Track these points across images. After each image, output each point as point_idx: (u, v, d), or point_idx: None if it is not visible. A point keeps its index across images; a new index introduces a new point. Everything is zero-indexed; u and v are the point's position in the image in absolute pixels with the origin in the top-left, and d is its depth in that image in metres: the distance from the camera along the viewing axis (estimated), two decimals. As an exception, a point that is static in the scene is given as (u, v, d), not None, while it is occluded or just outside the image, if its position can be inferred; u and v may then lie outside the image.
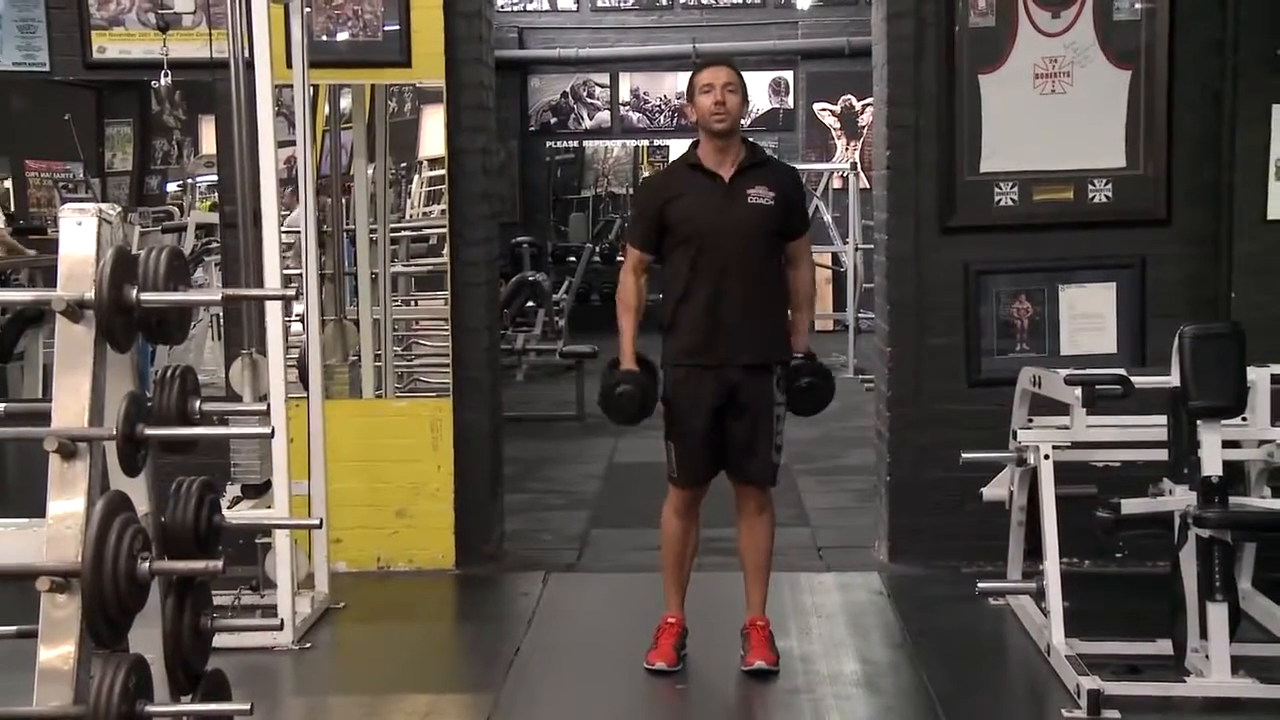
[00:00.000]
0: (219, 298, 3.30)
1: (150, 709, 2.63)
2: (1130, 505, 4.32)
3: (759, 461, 4.54)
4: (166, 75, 5.34)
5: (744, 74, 4.61)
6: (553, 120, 16.09)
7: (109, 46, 5.84)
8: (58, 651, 2.52)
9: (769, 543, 4.65)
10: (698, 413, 4.49)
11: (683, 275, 4.49)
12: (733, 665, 4.58)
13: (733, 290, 4.44)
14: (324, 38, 5.68)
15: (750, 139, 4.68)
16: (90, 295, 2.64)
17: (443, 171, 5.85)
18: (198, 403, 2.94)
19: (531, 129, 16.01)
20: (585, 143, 17.02)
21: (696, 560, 4.76)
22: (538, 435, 8.89)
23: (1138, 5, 5.57)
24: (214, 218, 6.36)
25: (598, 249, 15.46)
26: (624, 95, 16.02)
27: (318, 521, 4.83)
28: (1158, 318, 5.45)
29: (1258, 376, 4.54)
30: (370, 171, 6.18)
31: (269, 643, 4.77)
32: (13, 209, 7.65)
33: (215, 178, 6.14)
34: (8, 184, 7.64)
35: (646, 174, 17.27)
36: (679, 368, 4.54)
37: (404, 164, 6.46)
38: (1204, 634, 4.17)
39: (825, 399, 4.72)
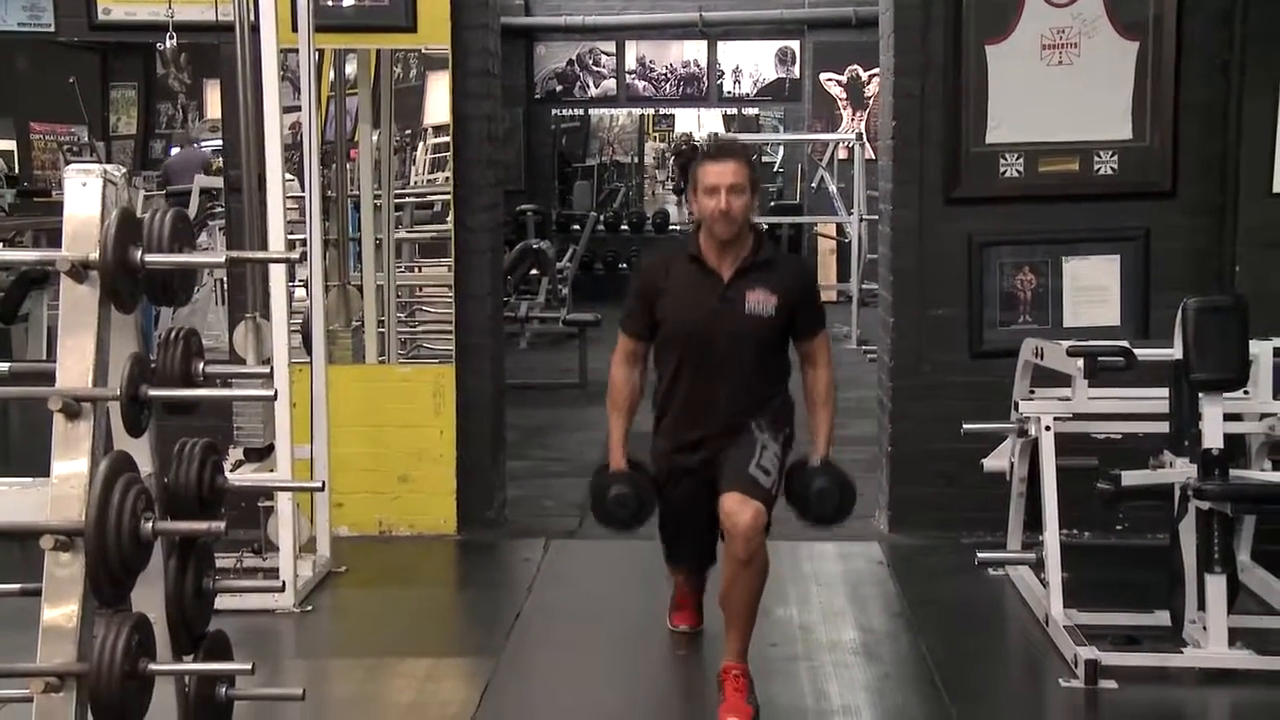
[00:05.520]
0: (223, 260, 3.29)
1: (152, 668, 2.65)
2: (1130, 477, 4.33)
3: (735, 469, 3.98)
4: (172, 37, 5.32)
5: (750, 44, 4.39)
6: (558, 88, 16.03)
7: (114, 8, 5.81)
8: (61, 610, 2.53)
9: (754, 597, 3.99)
10: (682, 508, 4.20)
11: (668, 377, 4.16)
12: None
13: (718, 405, 4.06)
14: (329, 2, 5.66)
15: (761, 230, 4.22)
16: (95, 256, 2.63)
17: (447, 138, 5.85)
18: (201, 365, 2.94)
19: (537, 96, 15.95)
20: (591, 111, 16.97)
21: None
22: (540, 403, 8.90)
23: (1146, -24, 5.55)
24: (218, 182, 6.37)
25: (602, 217, 15.43)
26: (630, 63, 15.94)
27: (320, 485, 4.86)
28: (1161, 290, 5.44)
29: (1260, 350, 4.54)
30: (375, 137, 6.17)
31: (270, 605, 4.80)
32: (17, 171, 7.67)
33: (220, 142, 6.13)
34: (12, 145, 7.66)
35: (650, 144, 17.26)
36: (661, 460, 4.23)
37: (409, 130, 6.45)
38: (1202, 605, 4.19)
39: (840, 507, 4.20)
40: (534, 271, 12.12)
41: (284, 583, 4.74)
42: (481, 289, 5.91)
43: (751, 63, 15.39)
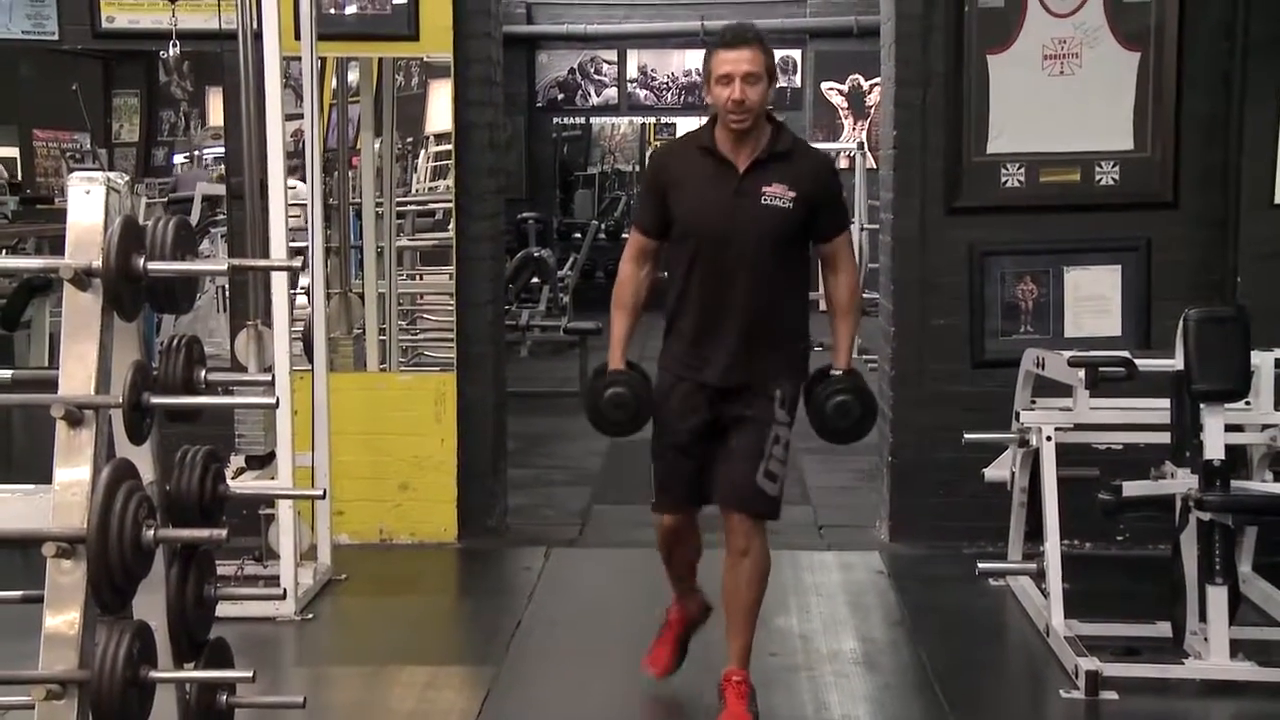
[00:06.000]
0: (226, 267, 3.30)
1: (153, 675, 2.64)
2: (1132, 488, 4.33)
3: (740, 480, 3.84)
4: (175, 45, 5.34)
5: None
6: (560, 96, 16.06)
7: (118, 16, 5.83)
8: (63, 617, 2.53)
9: (754, 591, 3.93)
10: (683, 425, 3.90)
11: (681, 277, 3.89)
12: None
13: (734, 305, 3.81)
14: (332, 10, 5.67)
15: (779, 119, 3.97)
16: (98, 263, 2.63)
17: (449, 146, 5.86)
18: (203, 372, 2.95)
19: (539, 105, 15.98)
20: (592, 119, 16.99)
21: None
22: (541, 411, 8.90)
23: (1148, -13, 5.56)
24: (220, 189, 6.37)
25: (603, 226, 15.44)
26: (631, 72, 15.98)
27: (321, 492, 4.86)
28: (1163, 301, 5.44)
29: (1262, 361, 4.54)
30: (377, 145, 6.19)
31: (271, 613, 4.79)
32: (19, 178, 7.67)
33: (222, 150, 6.14)
34: (15, 152, 7.66)
35: (656, 146, 17.22)
36: (668, 374, 3.97)
37: (410, 138, 6.47)
38: (1203, 617, 4.18)
39: (860, 423, 3.99)
40: (535, 279, 12.13)
41: (285, 590, 4.74)
42: (483, 297, 5.92)
43: (753, 71, 15.39)
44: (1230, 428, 4.32)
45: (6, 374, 3.08)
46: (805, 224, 3.85)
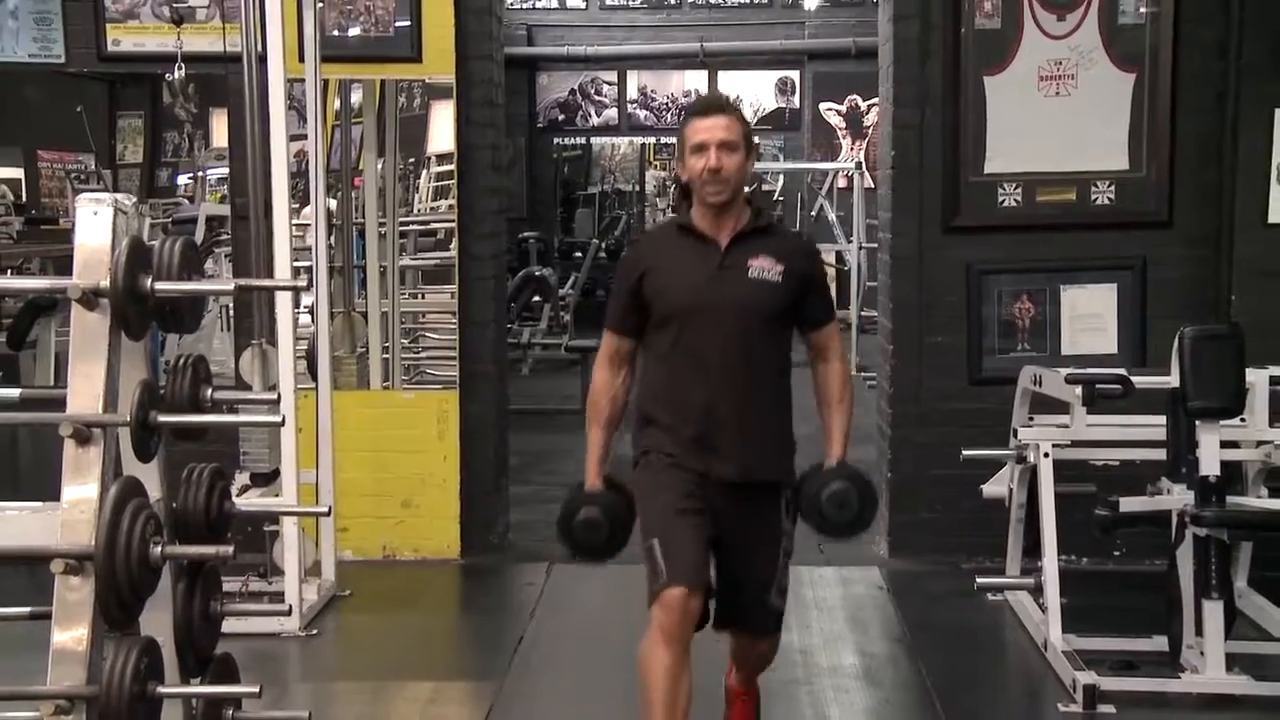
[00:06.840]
0: (232, 287, 3.33)
1: (161, 690, 2.67)
2: (1128, 504, 4.37)
3: (754, 613, 3.61)
4: (180, 68, 5.39)
5: (750, 74, 3.92)
6: (560, 117, 16.11)
7: (123, 39, 5.89)
8: (71, 633, 2.56)
9: (764, 668, 3.89)
10: (686, 495, 3.47)
11: (660, 365, 3.55)
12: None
13: (723, 387, 3.45)
14: (336, 33, 5.73)
15: (756, 203, 3.63)
16: (106, 284, 2.67)
17: (451, 167, 5.90)
18: (209, 391, 2.99)
19: (539, 125, 16.03)
20: (592, 139, 17.03)
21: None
22: (543, 428, 8.92)
23: (1142, 9, 5.61)
24: (224, 209, 6.42)
25: (603, 245, 15.48)
26: (631, 93, 16.03)
27: (326, 509, 4.88)
28: (1158, 319, 5.49)
29: (1256, 378, 4.58)
30: (380, 166, 6.23)
31: (276, 629, 4.83)
32: (24, 199, 7.72)
33: (226, 170, 6.19)
34: (20, 174, 7.71)
35: (651, 173, 17.28)
36: (660, 455, 3.54)
37: (413, 159, 6.51)
38: (1199, 631, 4.21)
39: (858, 516, 3.61)
40: (536, 298, 12.17)
41: (290, 606, 4.78)
42: (484, 316, 5.95)
43: (752, 92, 15.46)
44: (1225, 444, 4.35)
45: (15, 393, 3.10)
46: (794, 303, 3.54)
